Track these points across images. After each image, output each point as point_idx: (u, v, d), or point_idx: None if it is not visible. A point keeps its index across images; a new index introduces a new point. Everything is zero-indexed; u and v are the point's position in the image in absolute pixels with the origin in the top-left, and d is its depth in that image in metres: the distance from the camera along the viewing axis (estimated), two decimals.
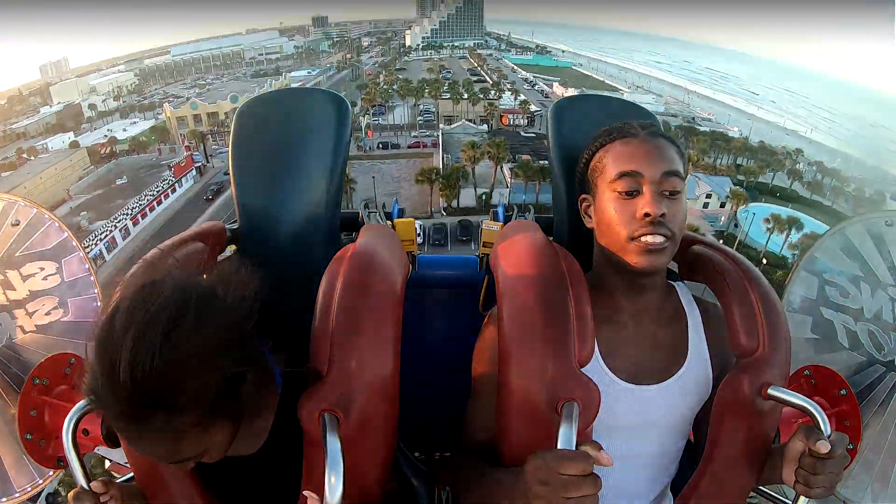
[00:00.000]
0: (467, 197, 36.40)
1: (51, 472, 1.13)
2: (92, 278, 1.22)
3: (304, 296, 0.87)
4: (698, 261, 0.93)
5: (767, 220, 29.15)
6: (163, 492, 0.82)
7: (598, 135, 0.88)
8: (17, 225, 1.20)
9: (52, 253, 1.20)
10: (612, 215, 0.81)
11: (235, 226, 1.12)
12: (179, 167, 42.22)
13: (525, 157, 38.39)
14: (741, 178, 37.69)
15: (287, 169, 1.09)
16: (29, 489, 1.13)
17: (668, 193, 0.80)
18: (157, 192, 38.23)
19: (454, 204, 35.68)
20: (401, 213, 1.39)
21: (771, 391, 0.77)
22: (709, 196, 35.08)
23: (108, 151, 51.01)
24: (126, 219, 33.55)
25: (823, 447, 0.67)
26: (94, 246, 28.92)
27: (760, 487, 1.01)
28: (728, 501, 0.81)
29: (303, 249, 1.08)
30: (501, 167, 38.56)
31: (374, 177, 36.47)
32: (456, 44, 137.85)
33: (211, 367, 0.62)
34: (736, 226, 31.98)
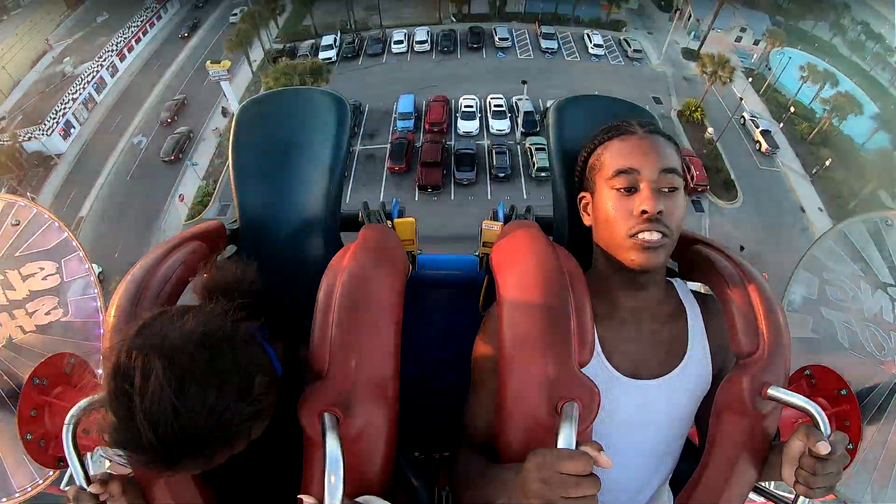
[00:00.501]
0: (480, 4, 33.15)
1: (51, 472, 1.13)
2: (92, 278, 1.22)
3: (304, 296, 0.87)
4: (698, 260, 0.93)
5: (802, 68, 26.63)
6: (163, 491, 0.82)
7: (596, 133, 0.89)
8: (17, 225, 1.20)
9: (52, 253, 1.20)
10: (610, 212, 0.81)
11: (235, 225, 1.12)
12: None
13: None
14: (780, 19, 34.05)
15: (287, 169, 1.09)
16: (29, 489, 1.13)
17: (665, 190, 0.80)
18: (141, 21, 34.99)
19: (465, 10, 32.32)
20: (401, 213, 1.39)
21: (771, 391, 0.77)
22: (743, 30, 31.69)
23: None
24: (112, 55, 31.24)
25: (823, 448, 0.67)
26: (82, 90, 27.22)
27: (760, 487, 1.01)
28: (728, 501, 0.81)
29: (303, 249, 1.08)
30: None
31: None
32: None
33: (233, 411, 0.64)
34: (768, 68, 29.07)
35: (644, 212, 0.78)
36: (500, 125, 21.38)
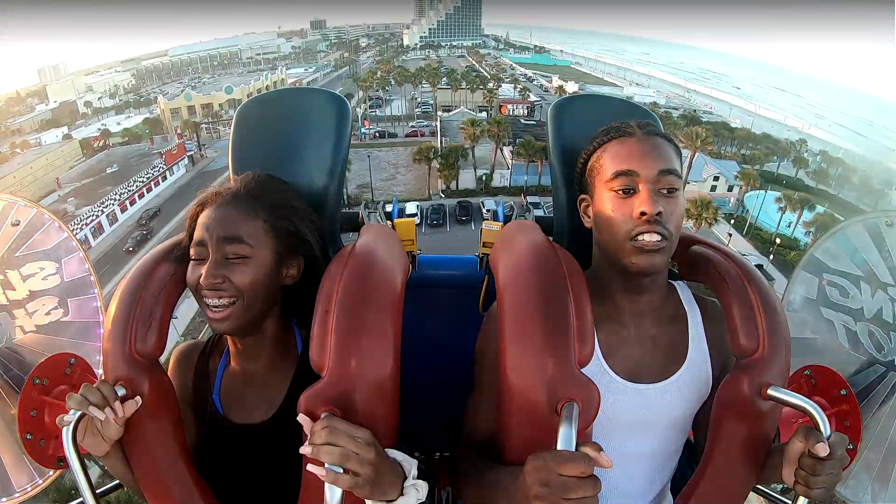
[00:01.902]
0: (467, 180, 35.42)
1: (51, 472, 1.13)
2: (92, 278, 1.22)
3: (305, 298, 0.87)
4: (698, 261, 0.93)
5: (779, 199, 28.90)
6: (163, 491, 0.82)
7: (595, 135, 0.89)
8: (17, 225, 1.20)
9: (52, 253, 1.20)
10: (610, 214, 0.81)
11: None
12: (171, 154, 41.19)
13: (527, 137, 37.16)
14: (746, 165, 37.31)
15: (287, 169, 1.09)
16: (29, 489, 1.13)
17: (665, 192, 0.80)
18: (147, 178, 37.48)
19: (453, 186, 34.57)
20: (401, 213, 1.39)
21: (771, 391, 0.77)
22: (716, 179, 34.38)
23: (100, 144, 49.80)
24: (114, 204, 32.86)
25: (823, 450, 0.67)
26: (79, 230, 28.15)
27: (760, 487, 1.01)
28: (728, 501, 0.81)
29: None
30: (501, 149, 37.37)
31: (369, 163, 35.34)
32: (454, 43, 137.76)
33: (290, 201, 0.91)
34: (746, 211, 31.60)
35: (643, 213, 0.77)
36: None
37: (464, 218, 30.42)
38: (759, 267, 25.72)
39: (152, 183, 37.53)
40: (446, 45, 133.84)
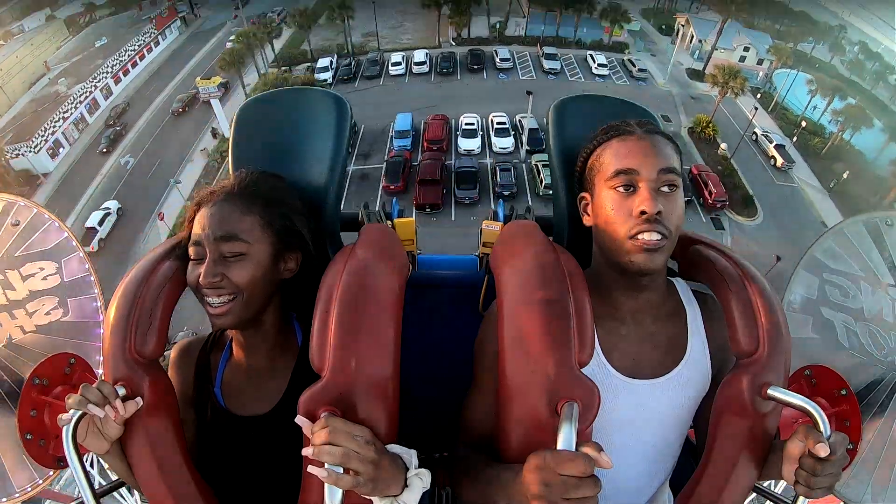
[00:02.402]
0: (479, 28, 32.83)
1: (51, 472, 1.13)
2: (92, 278, 1.22)
3: (305, 297, 0.87)
4: (698, 260, 0.93)
5: (811, 82, 27.07)
6: (163, 492, 0.82)
7: (595, 133, 0.89)
8: (17, 225, 1.20)
9: (52, 253, 1.20)
10: (610, 213, 0.81)
11: None
12: (161, 18, 38.42)
13: None
14: (780, 42, 34.17)
15: (287, 169, 1.09)
16: (29, 489, 1.13)
17: (665, 190, 0.80)
18: (139, 46, 35.10)
19: (465, 35, 31.96)
20: (401, 214, 1.39)
21: (771, 391, 0.77)
22: (746, 49, 31.73)
23: (87, 19, 45.04)
24: (107, 77, 31.05)
25: (823, 450, 0.67)
26: (73, 109, 26.92)
27: (760, 487, 1.01)
28: (728, 501, 0.81)
29: None
30: None
31: (374, 9, 31.81)
32: None
33: (284, 196, 0.92)
34: (774, 88, 29.45)
35: (643, 212, 0.78)
36: (503, 143, 20.87)
37: (476, 67, 28.28)
38: (781, 147, 21.86)
39: (144, 50, 35.28)
40: None
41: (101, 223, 19.15)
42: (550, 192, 1.12)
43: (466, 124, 21.79)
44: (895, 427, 1.13)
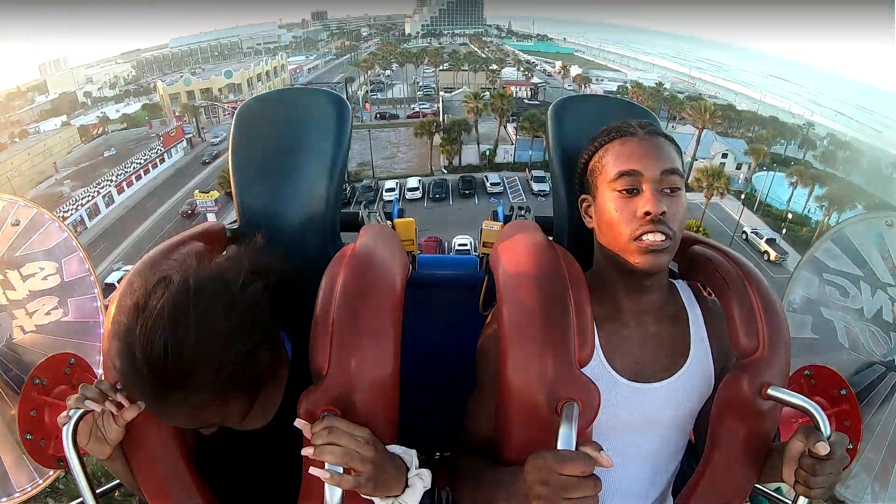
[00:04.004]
0: (469, 156, 34.74)
1: (51, 472, 1.13)
2: (92, 278, 1.22)
3: (304, 296, 0.87)
4: (698, 261, 0.93)
5: (790, 174, 28.62)
6: (164, 493, 0.82)
7: (596, 135, 0.89)
8: (17, 225, 1.20)
9: (52, 253, 1.20)
10: (613, 215, 0.81)
11: (235, 226, 1.12)
12: (169, 136, 40.48)
13: (532, 111, 36.10)
14: (755, 145, 36.56)
15: (287, 169, 1.09)
16: (29, 489, 1.13)
17: (668, 191, 0.80)
18: (145, 160, 36.84)
19: (456, 162, 33.84)
20: (401, 214, 1.39)
21: (771, 391, 0.77)
22: (724, 156, 33.77)
23: (99, 131, 48.70)
24: (110, 186, 32.17)
25: (823, 449, 0.67)
26: (74, 211, 27.77)
27: (760, 487, 1.01)
28: (728, 501, 0.81)
29: (303, 250, 1.08)
30: (505, 126, 36.66)
31: (370, 142, 34.53)
32: (456, 31, 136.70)
33: (222, 348, 0.67)
34: (754, 190, 31.19)
35: (647, 213, 0.77)
36: None
37: (467, 192, 29.93)
38: (772, 241, 23.13)
39: (150, 165, 36.98)
40: (448, 34, 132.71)
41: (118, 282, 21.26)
42: None
43: (460, 244, 22.09)
44: (895, 427, 1.13)
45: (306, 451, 0.67)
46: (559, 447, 0.64)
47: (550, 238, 0.96)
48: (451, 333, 1.25)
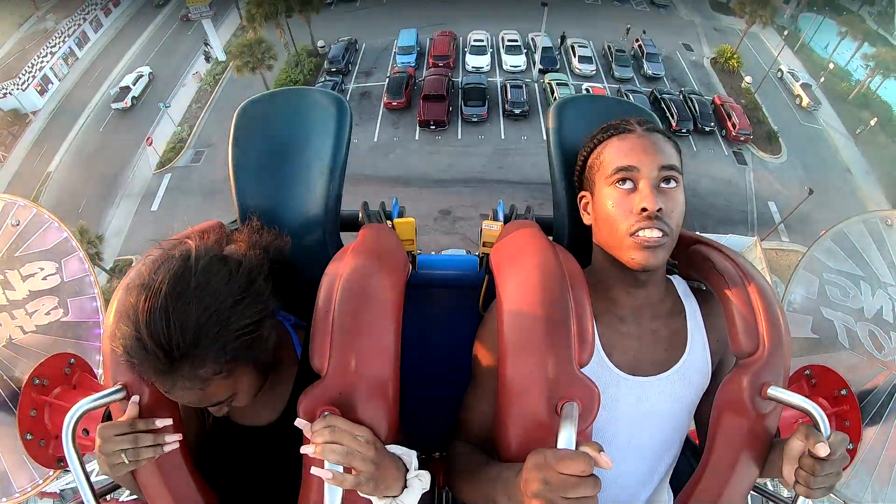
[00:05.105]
0: None
1: (51, 472, 1.13)
2: (92, 278, 1.22)
3: (304, 296, 0.87)
4: (698, 260, 0.93)
5: (841, 23, 25.45)
6: (164, 493, 0.82)
7: (595, 132, 0.89)
8: (17, 225, 1.20)
9: (52, 253, 1.20)
10: (610, 211, 0.81)
11: (235, 225, 1.11)
12: None
13: None
14: None
15: (287, 169, 1.09)
16: (29, 489, 1.13)
17: (665, 188, 0.80)
18: None
19: None
20: (401, 213, 1.39)
21: (771, 391, 0.77)
22: None
23: None
24: (96, 9, 29.12)
25: (823, 449, 0.67)
26: (62, 44, 25.66)
27: (760, 487, 1.01)
28: (728, 501, 0.81)
29: (303, 249, 1.08)
30: None
31: None
32: None
33: (225, 319, 0.69)
34: (799, 30, 27.74)
35: (644, 209, 0.78)
36: (514, 61, 19.52)
37: None
38: (807, 86, 20.83)
39: None
40: None
41: (134, 83, 21.54)
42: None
43: (475, 41, 20.44)
44: (895, 427, 1.13)
45: (307, 450, 0.67)
46: (559, 447, 0.64)
47: (550, 237, 0.96)
48: (451, 333, 1.26)
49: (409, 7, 24.10)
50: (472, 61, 19.77)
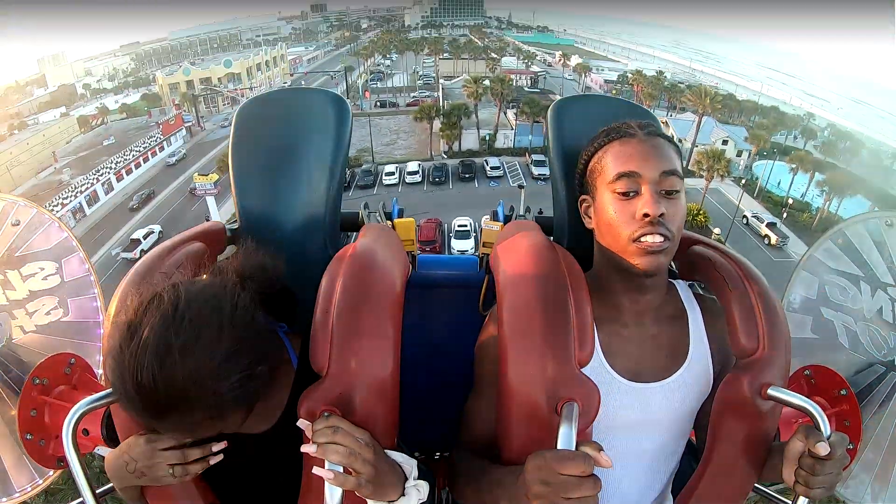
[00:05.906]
0: (469, 141, 34.53)
1: (51, 472, 1.13)
2: (92, 278, 1.22)
3: (304, 296, 0.87)
4: (698, 261, 0.93)
5: (792, 160, 28.80)
6: (165, 493, 0.82)
7: (596, 136, 0.89)
8: (17, 225, 1.20)
9: (52, 253, 1.20)
10: (612, 216, 0.81)
11: (235, 226, 1.11)
12: (168, 125, 40.27)
13: (531, 96, 35.87)
14: (756, 131, 36.32)
15: (287, 169, 1.09)
16: (29, 489, 1.13)
17: (666, 193, 0.80)
18: (144, 148, 36.58)
19: (456, 148, 33.62)
20: (401, 214, 1.39)
21: (771, 391, 0.77)
22: (725, 142, 33.38)
23: (98, 122, 48.19)
24: (110, 173, 32.05)
25: (823, 449, 0.67)
26: (73, 198, 27.89)
27: (760, 487, 1.01)
28: (728, 501, 0.81)
29: (303, 250, 1.08)
30: (505, 112, 36.67)
31: (370, 129, 34.30)
32: (456, 23, 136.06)
33: (214, 377, 0.64)
34: (754, 177, 31.30)
35: (646, 215, 0.77)
36: (462, 245, 21.11)
37: (466, 176, 29.67)
38: (773, 225, 23.36)
39: (149, 153, 36.82)
40: (448, 25, 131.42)
41: (145, 237, 24.44)
42: None
43: (459, 226, 22.13)
44: (895, 427, 1.13)
45: (307, 448, 0.67)
46: (559, 447, 0.64)
47: (550, 238, 0.96)
48: (451, 333, 1.25)
49: (397, 197, 27.19)
50: (458, 245, 21.54)
